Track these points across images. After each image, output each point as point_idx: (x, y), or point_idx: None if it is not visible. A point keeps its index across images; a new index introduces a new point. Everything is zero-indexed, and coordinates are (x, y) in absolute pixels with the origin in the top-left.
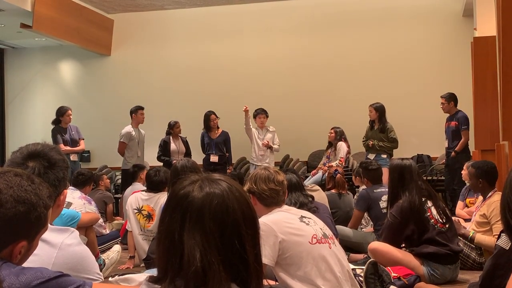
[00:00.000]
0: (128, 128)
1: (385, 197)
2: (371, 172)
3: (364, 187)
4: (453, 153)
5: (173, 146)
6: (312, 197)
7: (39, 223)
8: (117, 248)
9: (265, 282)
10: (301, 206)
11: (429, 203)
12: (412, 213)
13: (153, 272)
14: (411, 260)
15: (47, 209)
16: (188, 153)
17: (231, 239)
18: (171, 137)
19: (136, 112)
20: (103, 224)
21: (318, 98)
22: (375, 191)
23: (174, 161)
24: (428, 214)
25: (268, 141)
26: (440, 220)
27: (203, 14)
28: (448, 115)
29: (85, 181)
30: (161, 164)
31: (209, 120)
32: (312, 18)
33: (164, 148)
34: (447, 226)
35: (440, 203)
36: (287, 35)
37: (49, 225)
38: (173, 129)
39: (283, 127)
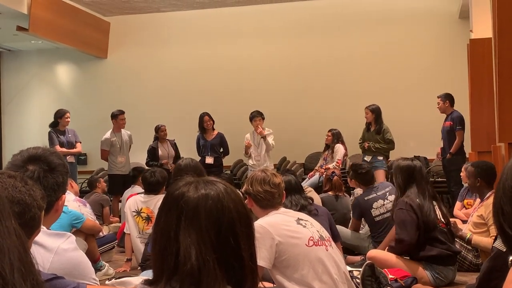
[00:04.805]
0: (107, 135)
1: (376, 204)
2: (360, 176)
3: (359, 189)
4: (448, 155)
5: (161, 150)
6: (312, 199)
7: (34, 224)
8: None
9: (260, 284)
10: (301, 208)
11: (434, 203)
12: (422, 212)
13: (149, 274)
14: (413, 267)
15: (40, 210)
16: (177, 156)
17: (227, 237)
18: (158, 142)
19: (116, 117)
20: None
21: (315, 100)
22: (365, 198)
23: (165, 161)
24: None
25: (262, 130)
26: (442, 220)
27: (199, 16)
28: (445, 115)
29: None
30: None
31: (202, 121)
32: (309, 20)
33: (152, 154)
34: (448, 227)
35: (442, 205)
36: (283, 37)
37: (46, 229)
38: (158, 132)
39: (280, 129)
